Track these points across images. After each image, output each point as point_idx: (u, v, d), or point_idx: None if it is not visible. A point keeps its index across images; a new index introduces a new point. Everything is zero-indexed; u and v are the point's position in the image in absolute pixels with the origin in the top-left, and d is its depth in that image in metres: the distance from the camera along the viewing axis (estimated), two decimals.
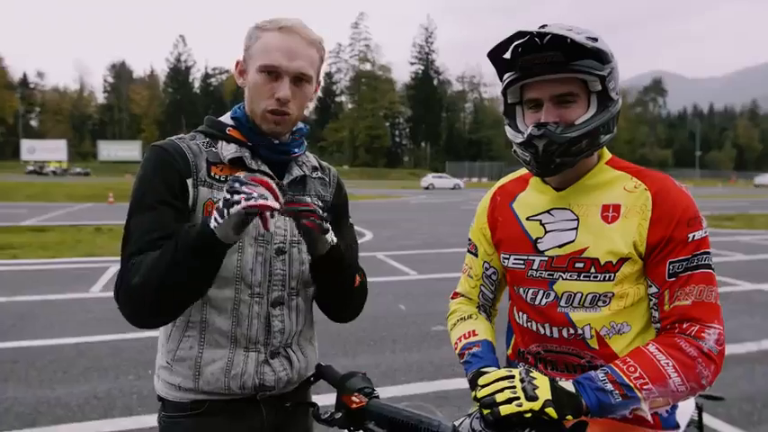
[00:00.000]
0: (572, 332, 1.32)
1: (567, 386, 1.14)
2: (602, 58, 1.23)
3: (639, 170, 1.34)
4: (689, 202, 1.27)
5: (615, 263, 1.27)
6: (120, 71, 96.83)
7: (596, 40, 1.22)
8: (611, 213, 1.30)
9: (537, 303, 1.37)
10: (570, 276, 1.32)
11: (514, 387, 1.10)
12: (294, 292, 1.40)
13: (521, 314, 1.43)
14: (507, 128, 1.35)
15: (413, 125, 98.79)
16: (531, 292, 1.38)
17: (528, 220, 1.40)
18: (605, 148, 1.35)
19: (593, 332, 1.31)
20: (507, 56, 1.27)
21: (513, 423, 1.07)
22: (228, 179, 1.15)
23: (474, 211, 1.57)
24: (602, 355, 1.31)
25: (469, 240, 1.58)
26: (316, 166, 1.51)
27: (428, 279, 7.89)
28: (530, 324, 1.39)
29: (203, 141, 1.37)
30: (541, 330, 1.37)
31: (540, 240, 1.36)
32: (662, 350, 1.19)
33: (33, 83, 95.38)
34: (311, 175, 1.48)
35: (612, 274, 1.28)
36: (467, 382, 1.34)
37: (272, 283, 1.36)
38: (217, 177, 1.33)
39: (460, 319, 1.52)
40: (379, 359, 4.60)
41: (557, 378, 1.16)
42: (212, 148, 1.36)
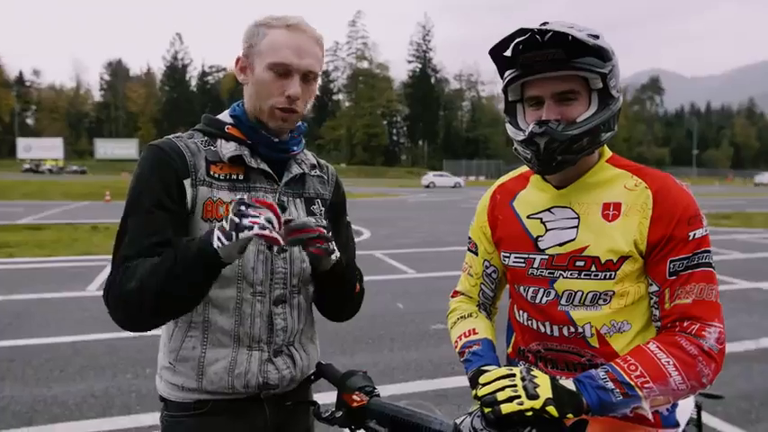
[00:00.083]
0: (572, 330, 1.32)
1: (568, 384, 1.14)
2: (603, 55, 1.22)
3: (640, 168, 1.34)
4: (689, 201, 1.26)
5: (616, 261, 1.27)
6: (117, 69, 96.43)
7: (597, 37, 1.21)
8: (611, 212, 1.29)
9: (537, 302, 1.37)
10: (571, 275, 1.31)
11: (515, 385, 1.10)
12: (296, 290, 1.40)
13: (521, 312, 1.42)
14: (508, 126, 1.34)
15: (410, 123, 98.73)
16: (532, 290, 1.38)
17: (528, 218, 1.39)
18: (606, 146, 1.35)
19: (593, 330, 1.31)
20: (508, 53, 1.26)
21: (514, 421, 1.08)
22: (233, 202, 1.15)
23: (474, 210, 1.57)
24: (602, 353, 1.30)
25: (469, 239, 1.58)
26: (314, 164, 1.51)
27: (427, 277, 7.89)
28: (530, 322, 1.39)
29: (202, 140, 1.36)
30: (542, 329, 1.37)
31: (541, 239, 1.36)
32: (663, 349, 1.19)
33: (29, 81, 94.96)
34: (310, 173, 1.48)
35: (613, 273, 1.28)
36: (466, 381, 1.34)
37: (273, 282, 1.35)
38: (216, 176, 1.32)
39: (461, 317, 1.51)
40: (377, 358, 4.59)
41: (557, 376, 1.16)
42: (211, 147, 1.35)
